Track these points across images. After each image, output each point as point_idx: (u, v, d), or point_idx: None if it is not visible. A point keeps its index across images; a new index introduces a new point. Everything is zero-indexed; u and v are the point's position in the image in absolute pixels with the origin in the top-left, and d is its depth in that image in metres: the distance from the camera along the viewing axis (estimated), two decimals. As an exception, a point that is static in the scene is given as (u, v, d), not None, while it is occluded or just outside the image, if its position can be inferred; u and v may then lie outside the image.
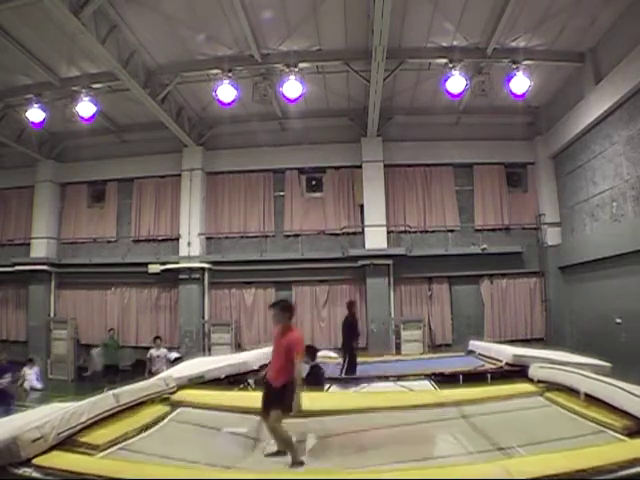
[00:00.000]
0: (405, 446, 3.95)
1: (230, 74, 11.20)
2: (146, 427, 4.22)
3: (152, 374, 9.07)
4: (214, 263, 14.30)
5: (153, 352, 11.28)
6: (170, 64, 11.60)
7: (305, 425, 4.59)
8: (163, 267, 14.21)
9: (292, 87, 11.15)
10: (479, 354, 9.10)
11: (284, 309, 4.49)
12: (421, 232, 14.36)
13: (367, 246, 13.88)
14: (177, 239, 14.75)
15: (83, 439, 3.61)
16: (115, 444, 3.69)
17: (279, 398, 4.16)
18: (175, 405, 5.04)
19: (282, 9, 9.74)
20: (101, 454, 3.48)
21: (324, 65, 11.65)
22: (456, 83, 11.09)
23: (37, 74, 11.56)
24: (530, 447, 3.39)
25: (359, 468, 3.32)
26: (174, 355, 12.02)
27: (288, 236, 14.68)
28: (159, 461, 3.44)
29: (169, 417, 4.70)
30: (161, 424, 4.48)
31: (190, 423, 4.67)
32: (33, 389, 12.84)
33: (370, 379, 7.59)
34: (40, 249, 15.29)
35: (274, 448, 4.06)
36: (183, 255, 14.46)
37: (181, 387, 5.67)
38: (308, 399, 5.55)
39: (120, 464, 3.21)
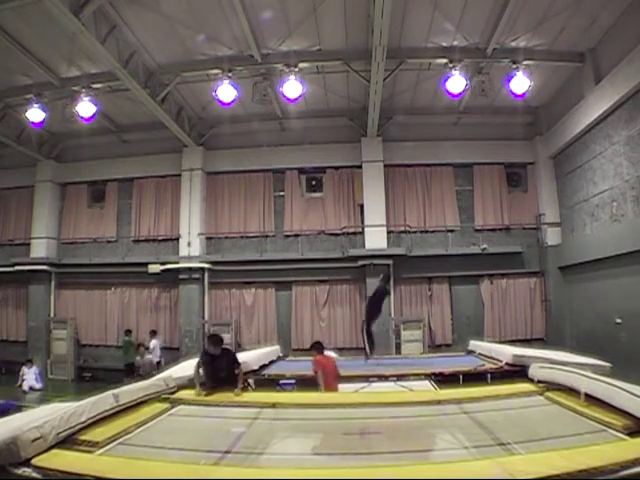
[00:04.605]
0: (405, 439, 3.96)
1: (230, 74, 11.22)
2: (145, 423, 4.24)
3: (142, 377, 9.11)
4: (214, 263, 14.31)
5: (138, 359, 11.41)
6: (170, 64, 11.61)
7: (305, 417, 4.60)
8: (163, 267, 14.22)
9: (292, 87, 11.16)
10: (479, 354, 9.10)
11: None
12: (421, 232, 14.37)
13: (367, 246, 13.88)
14: (177, 239, 14.76)
15: (83, 437, 3.62)
16: (114, 440, 3.70)
17: None
18: (174, 403, 5.05)
19: (282, 9, 9.75)
20: (100, 451, 3.48)
21: (324, 65, 11.66)
22: (456, 83, 11.10)
23: (37, 74, 11.57)
24: (531, 444, 3.39)
25: (358, 460, 3.32)
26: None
27: (288, 236, 14.69)
28: (158, 453, 3.45)
29: (168, 412, 4.72)
30: (160, 418, 4.50)
31: (189, 416, 4.70)
32: (32, 389, 12.86)
33: (370, 379, 7.60)
34: (40, 249, 15.30)
35: None
36: (183, 255, 14.46)
37: (181, 387, 5.67)
38: (306, 397, 5.58)
39: (120, 462, 3.20)
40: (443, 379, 7.18)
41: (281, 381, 7.38)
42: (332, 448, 3.83)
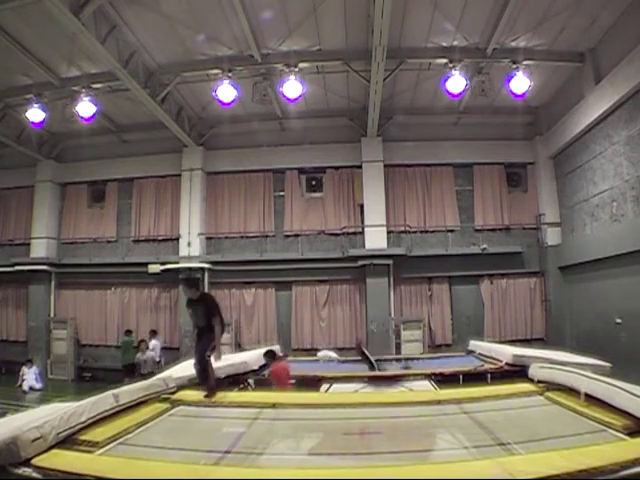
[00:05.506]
0: (405, 439, 3.96)
1: (230, 74, 11.22)
2: (145, 423, 4.24)
3: (142, 375, 9.11)
4: (214, 263, 14.31)
5: (139, 356, 11.36)
6: (170, 64, 11.61)
7: (305, 417, 4.60)
8: (163, 267, 14.22)
9: (292, 87, 11.16)
10: (479, 354, 9.08)
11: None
12: (421, 232, 14.37)
13: (367, 246, 13.88)
14: (177, 239, 14.76)
15: (83, 437, 3.62)
16: (114, 440, 3.70)
17: None
18: (175, 404, 5.05)
19: (282, 9, 9.75)
20: (100, 451, 3.49)
21: (324, 65, 11.66)
22: (456, 83, 11.10)
23: (37, 74, 11.57)
24: (531, 444, 3.39)
25: (358, 460, 3.32)
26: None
27: (288, 236, 14.70)
28: (158, 453, 3.45)
29: (168, 413, 4.72)
30: (160, 418, 4.50)
31: (189, 416, 4.70)
32: (32, 389, 12.87)
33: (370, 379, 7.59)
34: (40, 249, 15.30)
35: None
36: (183, 255, 14.46)
37: (181, 387, 5.66)
38: (306, 396, 5.58)
39: (120, 462, 3.20)
40: (443, 379, 7.17)
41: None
42: (332, 448, 3.83)
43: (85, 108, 11.71)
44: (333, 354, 11.31)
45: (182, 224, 14.68)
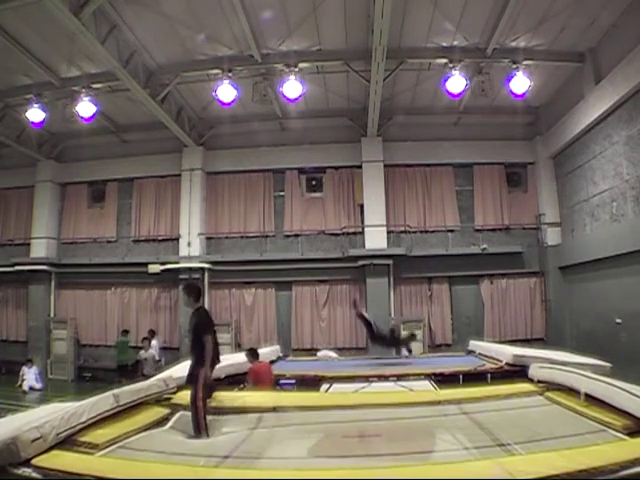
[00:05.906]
0: (406, 440, 3.96)
1: (230, 74, 11.21)
2: (145, 428, 4.23)
3: (145, 376, 9.08)
4: (214, 263, 14.30)
5: (142, 353, 11.35)
6: (170, 64, 11.61)
7: (305, 421, 4.60)
8: (163, 267, 14.20)
9: (292, 87, 11.16)
10: (479, 354, 9.09)
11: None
12: (421, 232, 14.36)
13: (367, 246, 13.88)
14: (177, 239, 14.75)
15: (83, 438, 3.62)
16: (114, 443, 3.70)
17: None
18: (175, 408, 5.02)
19: (282, 9, 9.74)
20: (100, 453, 3.48)
21: (324, 65, 11.65)
22: (456, 83, 11.09)
23: (37, 74, 11.56)
24: (530, 444, 3.40)
25: (358, 462, 3.32)
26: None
27: (288, 236, 14.69)
28: (159, 457, 3.45)
29: (168, 418, 4.70)
30: (160, 423, 4.49)
31: (189, 422, 4.69)
32: (32, 389, 12.86)
33: (370, 379, 7.59)
34: (40, 249, 15.29)
35: None
36: (183, 255, 14.45)
37: (181, 387, 5.66)
38: (306, 397, 5.58)
39: (119, 463, 3.21)
40: (443, 379, 7.17)
41: (281, 381, 7.36)
42: (332, 451, 3.83)
43: (85, 108, 11.70)
44: (333, 354, 11.33)
45: (182, 224, 14.68)
